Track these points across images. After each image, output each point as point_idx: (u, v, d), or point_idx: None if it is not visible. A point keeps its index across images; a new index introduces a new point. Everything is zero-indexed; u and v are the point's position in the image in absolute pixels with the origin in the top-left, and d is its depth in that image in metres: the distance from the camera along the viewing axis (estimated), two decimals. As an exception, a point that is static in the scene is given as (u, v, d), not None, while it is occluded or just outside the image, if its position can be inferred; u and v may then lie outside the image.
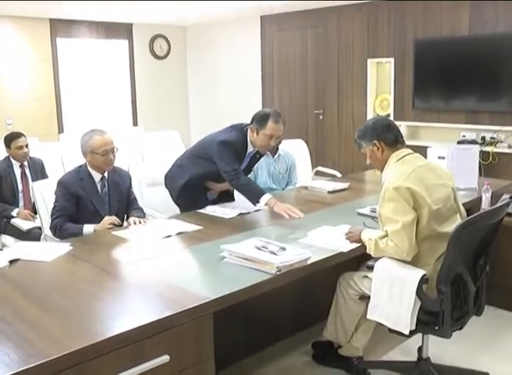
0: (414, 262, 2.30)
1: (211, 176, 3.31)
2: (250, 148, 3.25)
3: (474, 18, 5.71)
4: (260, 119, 3.12)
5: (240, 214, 3.07)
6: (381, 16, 6.49)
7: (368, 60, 6.69)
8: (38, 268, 2.29)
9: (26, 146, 4.19)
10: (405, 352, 2.86)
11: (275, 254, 2.19)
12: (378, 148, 2.47)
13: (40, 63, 7.42)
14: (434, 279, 2.25)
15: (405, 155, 2.45)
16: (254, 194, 3.05)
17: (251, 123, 3.16)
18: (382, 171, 2.51)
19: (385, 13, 6.43)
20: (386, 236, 2.33)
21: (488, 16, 5.61)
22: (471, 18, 5.73)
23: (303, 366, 2.83)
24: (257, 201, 3.01)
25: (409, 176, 2.31)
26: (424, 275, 2.23)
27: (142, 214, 3.23)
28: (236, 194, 3.56)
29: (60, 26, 7.55)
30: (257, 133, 3.12)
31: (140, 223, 2.98)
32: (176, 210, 3.40)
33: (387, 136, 2.47)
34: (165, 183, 3.48)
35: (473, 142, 5.62)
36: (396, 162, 2.43)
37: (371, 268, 2.38)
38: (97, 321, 1.76)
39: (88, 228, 2.95)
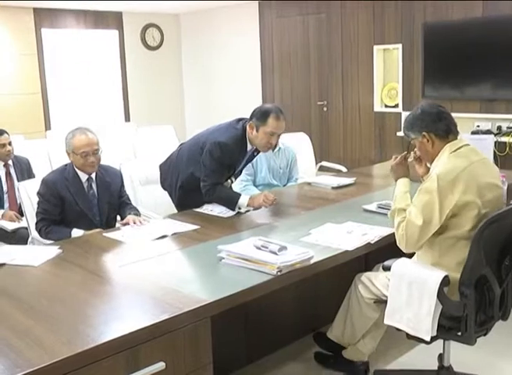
0: (448, 263, 2.28)
1: None
2: (249, 147, 3.20)
3: (488, -1, 5.70)
4: (260, 115, 3.07)
5: (239, 213, 3.09)
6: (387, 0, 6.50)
7: (375, 47, 6.71)
8: (26, 273, 2.31)
9: (10, 144, 4.20)
10: (420, 359, 2.82)
11: (275, 253, 2.20)
12: (428, 141, 2.40)
13: (24, 56, 7.44)
14: (456, 281, 2.23)
15: (460, 147, 2.37)
16: (230, 200, 3.09)
17: (250, 118, 3.12)
18: (431, 163, 2.45)
19: (392, -4, 6.44)
20: (405, 214, 2.32)
21: (503, -4, 5.60)
22: (485, -1, 5.73)
23: (306, 374, 2.84)
24: (235, 206, 3.06)
25: (461, 173, 2.24)
26: (446, 276, 2.20)
27: (138, 213, 3.25)
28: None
29: (45, 16, 7.58)
30: (257, 130, 3.07)
31: (140, 222, 2.94)
32: (171, 210, 3.41)
33: (438, 126, 2.38)
34: (161, 182, 3.46)
35: (488, 132, 5.62)
36: (450, 153, 2.35)
37: (387, 269, 2.36)
38: (88, 327, 1.77)
39: (77, 233, 2.97)
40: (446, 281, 2.20)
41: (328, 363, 2.82)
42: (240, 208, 3.05)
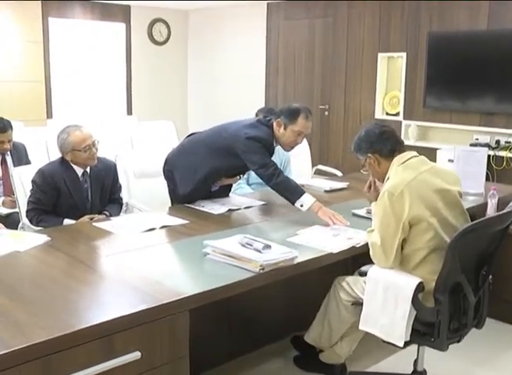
0: (422, 274, 2.29)
1: (229, 171, 3.26)
2: (273, 144, 3.18)
3: (494, 12, 5.72)
4: (289, 114, 3.07)
5: (230, 210, 3.11)
6: (394, 8, 6.52)
7: (379, 54, 6.72)
8: (11, 258, 2.33)
9: (9, 141, 4.15)
10: (400, 363, 2.83)
11: (259, 251, 2.22)
12: (374, 161, 2.49)
13: (30, 44, 7.42)
14: (431, 289, 2.25)
15: (408, 159, 2.43)
16: (294, 191, 2.96)
17: (278, 116, 3.10)
18: (383, 182, 2.49)
19: (399, 5, 6.46)
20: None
21: (509, 10, 5.61)
22: (490, 12, 5.75)
23: (288, 373, 2.86)
24: (297, 200, 2.91)
25: (409, 184, 2.29)
26: (421, 283, 2.24)
27: (116, 212, 3.28)
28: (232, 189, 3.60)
29: (52, 5, 7.59)
30: (285, 129, 3.07)
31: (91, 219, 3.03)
32: (164, 204, 3.40)
33: (382, 147, 2.46)
34: (168, 171, 3.29)
35: (486, 146, 5.63)
36: (399, 166, 2.41)
37: (363, 274, 2.40)
38: (68, 313, 1.79)
39: (69, 222, 3.00)
40: (420, 287, 2.24)
41: (308, 367, 2.84)
42: (301, 206, 2.90)
